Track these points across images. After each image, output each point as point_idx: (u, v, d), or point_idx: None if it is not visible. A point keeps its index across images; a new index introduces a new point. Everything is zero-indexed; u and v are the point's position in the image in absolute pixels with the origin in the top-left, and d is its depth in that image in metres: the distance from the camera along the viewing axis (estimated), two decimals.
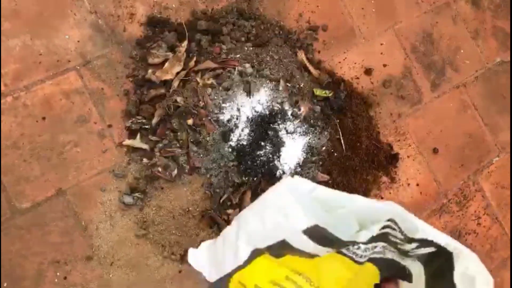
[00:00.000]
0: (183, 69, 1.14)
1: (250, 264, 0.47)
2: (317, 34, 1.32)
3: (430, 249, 0.46)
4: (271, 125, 1.09)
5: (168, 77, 1.13)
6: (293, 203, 0.44)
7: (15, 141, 1.03)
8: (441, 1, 1.49)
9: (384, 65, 1.38)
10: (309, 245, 0.44)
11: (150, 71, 1.12)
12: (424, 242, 0.46)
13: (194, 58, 1.14)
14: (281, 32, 1.27)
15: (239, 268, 0.48)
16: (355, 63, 1.35)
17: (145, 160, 1.09)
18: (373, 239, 0.46)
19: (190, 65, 1.14)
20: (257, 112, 1.09)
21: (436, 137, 1.40)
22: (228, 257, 0.48)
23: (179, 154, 1.09)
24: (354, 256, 0.46)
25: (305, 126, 1.15)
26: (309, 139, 1.14)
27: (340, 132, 1.22)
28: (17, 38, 1.06)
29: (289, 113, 1.13)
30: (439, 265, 0.47)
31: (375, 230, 0.45)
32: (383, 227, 0.46)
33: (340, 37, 1.35)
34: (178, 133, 1.10)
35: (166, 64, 1.13)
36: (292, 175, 1.10)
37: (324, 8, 1.33)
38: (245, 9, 1.24)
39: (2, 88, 1.04)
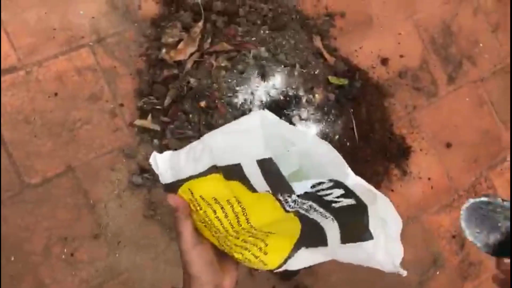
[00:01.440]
0: (197, 50, 1.12)
1: (203, 177, 0.50)
2: (334, 20, 1.29)
3: (350, 201, 0.48)
4: (284, 110, 1.08)
5: (181, 57, 1.11)
6: (258, 132, 0.47)
7: (26, 116, 1.03)
8: None
9: (401, 56, 1.35)
10: (256, 177, 0.47)
11: (163, 50, 1.10)
12: (347, 192, 0.47)
13: (209, 40, 1.13)
14: (298, 16, 1.24)
15: (193, 177, 0.51)
16: (371, 52, 1.32)
17: (155, 141, 1.09)
18: (304, 196, 0.49)
19: (204, 47, 1.12)
20: (271, 96, 1.08)
21: (450, 132, 1.38)
22: (188, 166, 0.51)
23: (191, 136, 1.08)
24: (284, 203, 0.49)
25: (319, 113, 1.13)
26: (323, 126, 1.13)
27: (354, 122, 1.20)
28: (32, 11, 1.05)
29: (304, 99, 1.11)
30: (354, 219, 0.49)
31: (307, 187, 0.48)
32: (318, 184, 0.48)
33: (358, 24, 1.32)
34: (190, 115, 1.08)
35: (180, 44, 1.11)
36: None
37: None
38: None
39: (16, 62, 1.03)
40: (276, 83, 1.09)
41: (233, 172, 0.49)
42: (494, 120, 1.44)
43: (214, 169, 0.50)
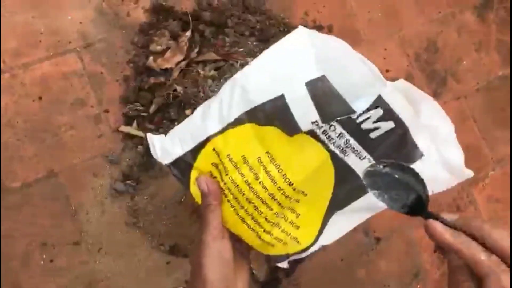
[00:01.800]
0: (184, 59, 1.12)
1: (231, 130, 0.44)
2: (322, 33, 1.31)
3: (389, 125, 0.43)
4: None
5: (168, 65, 1.11)
6: (307, 50, 0.41)
7: (10, 119, 1.02)
8: (447, 11, 1.48)
9: (387, 71, 1.38)
10: (303, 106, 0.40)
11: (151, 58, 1.11)
12: (386, 113, 0.42)
13: (197, 49, 1.13)
14: (286, 29, 1.26)
15: (218, 134, 0.44)
16: None
17: (140, 148, 1.08)
18: (345, 125, 0.43)
19: (192, 56, 1.13)
20: None
21: None
22: (212, 119, 0.44)
23: None
24: (327, 141, 0.44)
25: None
26: None
27: None
28: (19, 15, 1.05)
29: None
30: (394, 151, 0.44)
31: (367, 103, 0.42)
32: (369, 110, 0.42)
33: (344, 38, 1.32)
34: (176, 123, 1.08)
35: (168, 53, 1.12)
36: None
37: (331, 9, 1.33)
38: (251, 3, 1.23)
39: (0, 64, 1.02)
40: None
41: (273, 110, 0.42)
42: (476, 135, 1.47)
43: (244, 117, 0.43)
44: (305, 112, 0.42)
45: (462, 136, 1.50)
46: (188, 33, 1.12)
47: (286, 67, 0.41)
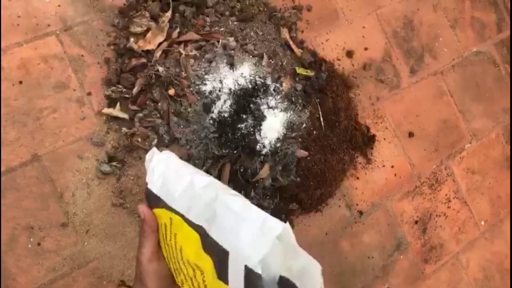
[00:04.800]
0: (165, 40, 1.12)
1: (187, 226, 0.50)
2: (301, 13, 1.33)
3: None
4: (253, 98, 1.10)
5: (150, 47, 1.11)
6: (272, 243, 0.43)
7: None
8: None
9: (365, 49, 1.40)
10: (236, 276, 0.46)
11: (132, 40, 1.11)
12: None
13: (178, 29, 1.14)
14: (265, 9, 1.27)
15: (177, 213, 0.51)
16: (337, 45, 1.36)
17: (124, 129, 1.08)
18: None
19: (173, 36, 1.13)
20: (240, 85, 1.10)
21: (412, 122, 1.44)
22: (180, 200, 0.51)
23: (159, 125, 1.09)
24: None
25: (286, 102, 1.16)
26: (290, 115, 1.15)
27: (320, 111, 1.24)
28: None
29: (271, 88, 1.14)
30: None
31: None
32: None
33: (323, 18, 1.36)
34: (159, 104, 1.09)
35: (149, 34, 1.12)
36: (272, 150, 1.11)
37: None
38: None
39: None
40: (244, 72, 1.11)
41: (217, 253, 0.46)
42: (453, 110, 1.51)
43: (199, 226, 0.48)
44: (236, 280, 0.46)
45: (439, 111, 1.54)
46: (169, 14, 1.12)
47: (249, 237, 0.44)
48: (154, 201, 0.54)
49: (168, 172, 0.53)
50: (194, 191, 0.50)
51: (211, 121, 1.07)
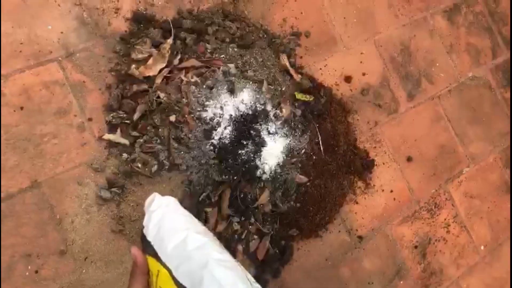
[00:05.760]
0: (166, 66, 1.14)
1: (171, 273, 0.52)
2: (299, 39, 1.35)
3: None
4: (253, 125, 1.10)
5: (151, 73, 1.12)
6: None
7: None
8: (418, 15, 1.54)
9: (363, 74, 1.42)
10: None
11: (133, 66, 1.12)
12: None
13: (179, 56, 1.15)
14: (265, 35, 1.29)
15: (165, 266, 0.53)
16: (335, 70, 1.38)
17: (124, 155, 1.09)
18: None
19: (174, 63, 1.14)
20: (240, 111, 1.11)
21: (411, 146, 1.45)
22: (172, 255, 0.53)
23: (160, 151, 1.09)
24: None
25: (286, 128, 1.17)
26: (290, 141, 1.16)
27: (320, 136, 1.25)
28: None
29: (271, 114, 1.15)
30: None
31: None
32: None
33: (322, 44, 1.38)
34: (160, 129, 1.09)
35: (150, 60, 1.13)
36: (272, 176, 1.12)
37: (308, 15, 1.36)
38: (230, 11, 1.25)
39: None
40: (244, 98, 1.12)
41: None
42: (451, 134, 1.52)
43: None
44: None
45: (437, 135, 1.55)
46: (170, 40, 1.14)
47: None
48: (147, 246, 0.55)
49: (164, 222, 0.55)
50: (186, 251, 0.52)
51: (212, 147, 1.08)
